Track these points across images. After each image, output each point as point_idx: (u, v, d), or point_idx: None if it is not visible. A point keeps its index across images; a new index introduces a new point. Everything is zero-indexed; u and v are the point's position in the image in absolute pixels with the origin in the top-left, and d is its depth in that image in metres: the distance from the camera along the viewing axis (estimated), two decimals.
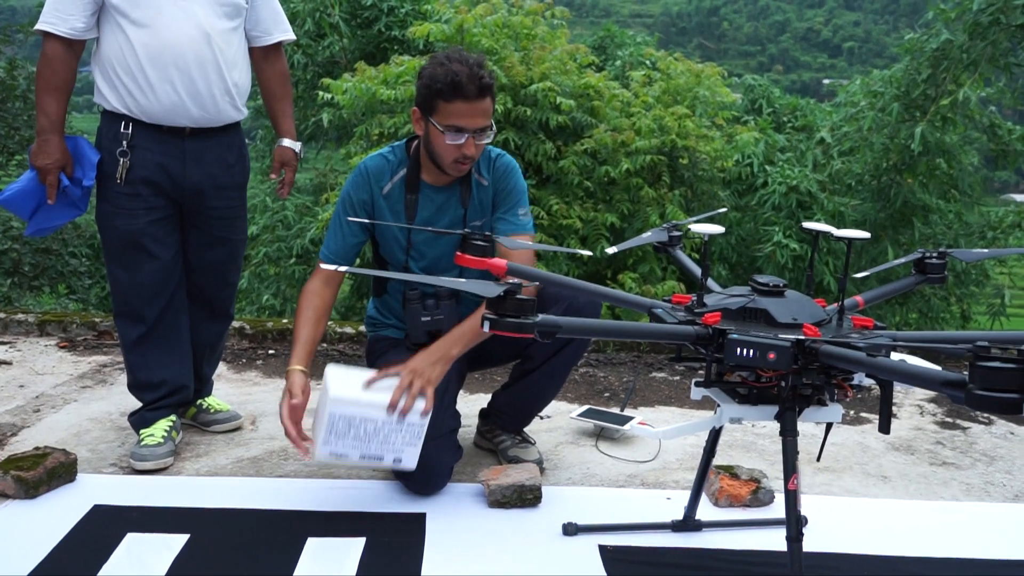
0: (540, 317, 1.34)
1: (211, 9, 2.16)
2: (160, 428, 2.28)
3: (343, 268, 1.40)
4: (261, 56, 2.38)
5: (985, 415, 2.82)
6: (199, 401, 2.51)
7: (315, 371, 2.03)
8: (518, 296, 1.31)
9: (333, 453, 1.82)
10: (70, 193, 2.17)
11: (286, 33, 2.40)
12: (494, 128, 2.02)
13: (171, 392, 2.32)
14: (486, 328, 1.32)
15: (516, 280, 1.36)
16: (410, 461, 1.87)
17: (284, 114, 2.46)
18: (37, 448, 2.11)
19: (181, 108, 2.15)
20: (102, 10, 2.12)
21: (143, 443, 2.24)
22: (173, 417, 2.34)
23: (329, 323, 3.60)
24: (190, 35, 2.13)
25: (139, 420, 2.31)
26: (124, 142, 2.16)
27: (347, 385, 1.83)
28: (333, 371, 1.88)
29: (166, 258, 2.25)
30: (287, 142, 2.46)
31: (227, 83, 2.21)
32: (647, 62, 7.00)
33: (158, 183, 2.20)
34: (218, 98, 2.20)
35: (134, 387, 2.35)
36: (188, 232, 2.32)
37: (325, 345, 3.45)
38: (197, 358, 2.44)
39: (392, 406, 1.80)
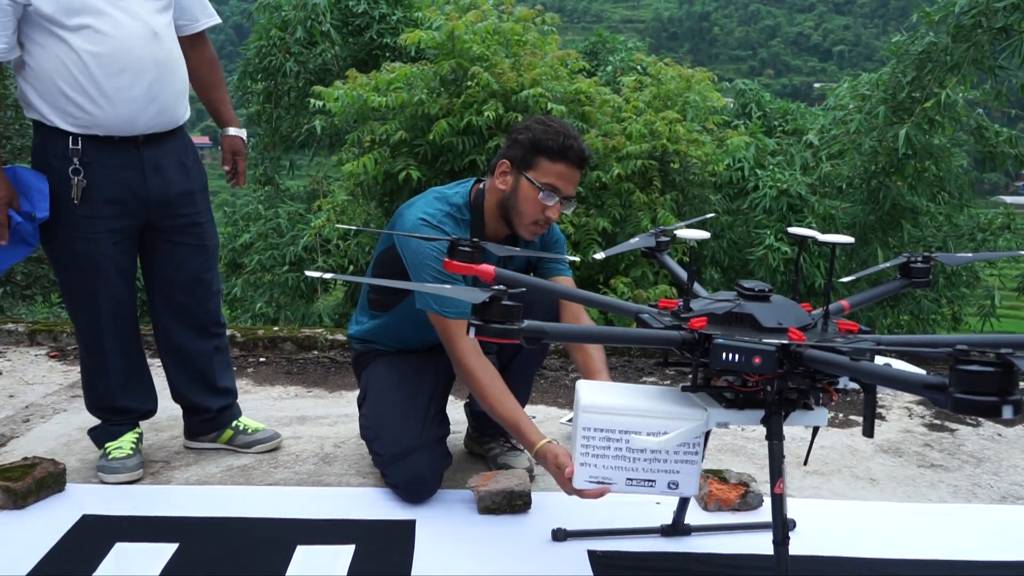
0: (526, 323, 1.35)
1: (148, 5, 2.04)
2: (128, 440, 2.22)
3: (328, 275, 1.40)
4: (189, 45, 2.23)
5: (972, 417, 2.83)
6: (235, 423, 2.40)
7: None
8: (504, 302, 1.32)
9: (593, 479, 1.57)
10: (22, 230, 2.00)
11: (212, 17, 2.28)
12: (574, 202, 2.03)
13: (140, 416, 2.29)
14: (471, 334, 1.32)
15: (502, 286, 1.36)
16: (689, 485, 1.59)
17: (223, 102, 2.34)
18: (26, 458, 2.10)
19: (140, 115, 2.03)
20: (27, 24, 1.95)
21: (111, 456, 2.17)
22: (139, 430, 2.29)
23: (320, 330, 3.60)
24: (139, 35, 2.00)
25: (103, 433, 2.24)
26: (76, 159, 2.00)
27: (601, 393, 1.61)
28: (584, 384, 1.67)
29: (124, 288, 2.15)
30: (233, 131, 2.34)
31: (179, 82, 2.11)
32: (638, 67, 7.02)
33: (120, 200, 2.07)
34: (173, 99, 2.09)
35: (98, 410, 2.26)
36: (161, 249, 2.20)
37: (316, 352, 3.45)
38: (205, 376, 2.33)
39: None
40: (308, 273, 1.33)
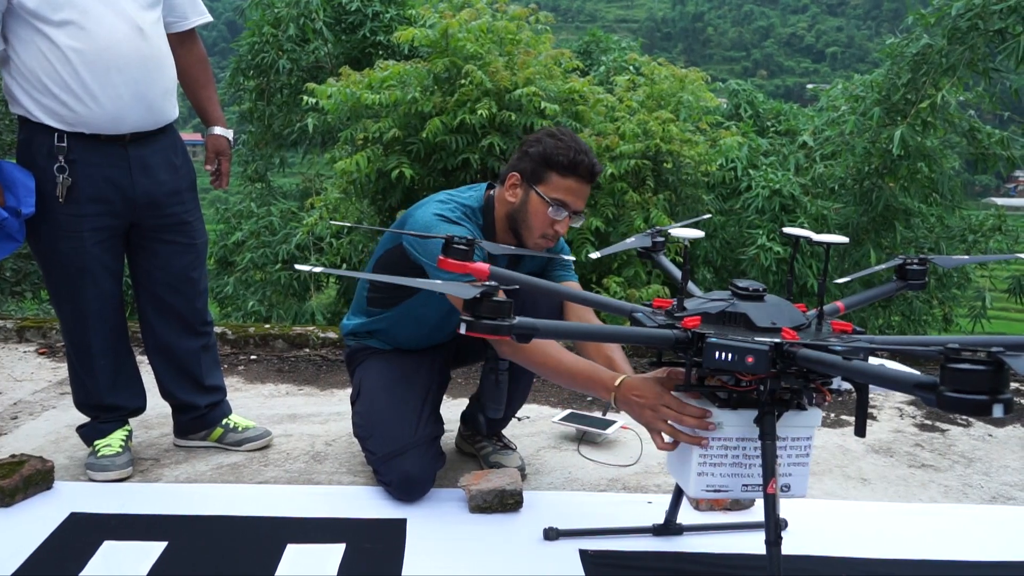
0: (517, 319, 1.34)
1: (134, 1, 2.01)
2: (117, 438, 2.21)
3: (318, 269, 1.39)
4: (178, 43, 2.20)
5: (963, 417, 2.84)
6: (225, 421, 2.38)
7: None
8: (495, 298, 1.31)
9: (710, 487, 1.58)
10: (7, 226, 1.96)
11: (202, 15, 2.25)
12: (584, 216, 2.01)
13: (129, 414, 2.28)
14: (463, 330, 1.31)
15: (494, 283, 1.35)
16: (800, 486, 1.60)
17: (211, 101, 2.32)
18: (14, 455, 2.08)
19: (127, 114, 2.01)
20: (10, 17, 1.92)
21: (100, 453, 2.16)
22: (128, 428, 2.28)
23: (312, 328, 3.59)
24: (125, 32, 1.97)
25: (92, 431, 2.23)
26: (61, 157, 1.98)
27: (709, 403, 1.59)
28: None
29: (110, 286, 2.13)
30: (219, 130, 2.32)
31: (167, 80, 2.09)
32: (631, 67, 7.02)
33: (106, 199, 2.05)
34: (160, 97, 2.07)
35: (86, 407, 2.25)
36: (148, 247, 2.18)
37: (308, 350, 3.44)
38: (193, 374, 2.31)
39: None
40: (298, 267, 1.32)
